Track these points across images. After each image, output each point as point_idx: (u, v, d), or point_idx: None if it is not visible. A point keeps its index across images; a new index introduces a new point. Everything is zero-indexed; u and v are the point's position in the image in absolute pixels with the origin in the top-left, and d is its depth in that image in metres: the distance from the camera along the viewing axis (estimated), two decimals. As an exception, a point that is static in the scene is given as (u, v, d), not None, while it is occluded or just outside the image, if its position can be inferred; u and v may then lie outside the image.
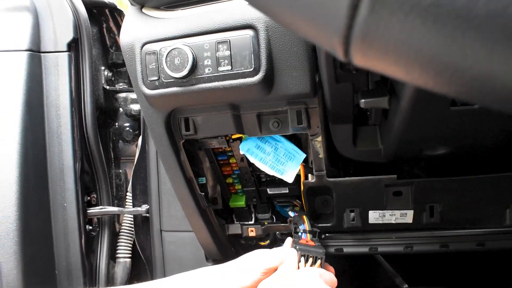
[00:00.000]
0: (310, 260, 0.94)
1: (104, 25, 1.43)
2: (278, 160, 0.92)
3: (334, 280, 0.90)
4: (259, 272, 0.89)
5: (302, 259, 0.94)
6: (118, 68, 1.46)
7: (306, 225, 1.02)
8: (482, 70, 0.26)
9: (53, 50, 1.27)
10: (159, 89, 0.80)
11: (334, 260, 1.09)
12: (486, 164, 0.96)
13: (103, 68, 1.40)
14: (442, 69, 0.27)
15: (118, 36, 1.42)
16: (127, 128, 1.44)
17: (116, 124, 1.45)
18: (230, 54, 0.76)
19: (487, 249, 1.10)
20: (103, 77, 1.40)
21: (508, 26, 0.23)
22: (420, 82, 0.29)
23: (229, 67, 0.76)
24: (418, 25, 0.25)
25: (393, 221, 1.01)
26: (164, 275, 1.26)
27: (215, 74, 0.77)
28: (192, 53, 0.76)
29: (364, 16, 0.26)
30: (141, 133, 1.34)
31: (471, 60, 0.25)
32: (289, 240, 0.99)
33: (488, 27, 0.24)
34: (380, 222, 1.02)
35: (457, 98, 0.29)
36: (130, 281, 1.43)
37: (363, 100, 0.69)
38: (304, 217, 1.04)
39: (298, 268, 0.92)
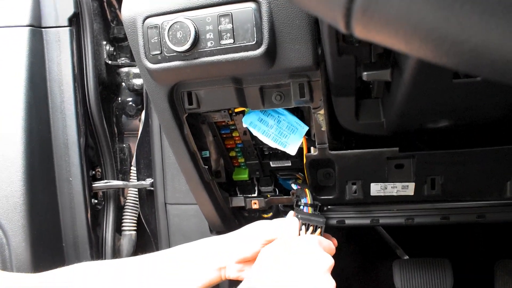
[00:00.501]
0: (311, 228, 0.97)
1: (105, -1, 1.41)
2: (281, 133, 0.93)
3: (332, 248, 0.92)
4: (260, 243, 0.91)
5: (303, 227, 0.96)
6: (119, 42, 1.45)
7: (308, 198, 1.04)
8: (479, 42, 0.26)
9: (54, 25, 1.26)
10: (161, 63, 0.80)
11: (336, 232, 1.11)
12: (488, 137, 0.96)
13: (104, 42, 1.39)
14: (440, 41, 0.27)
15: (119, 10, 1.41)
16: (130, 103, 1.44)
17: (119, 99, 1.45)
18: (232, 27, 0.75)
19: (488, 221, 1.11)
20: (105, 52, 1.39)
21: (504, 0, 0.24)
22: (419, 53, 0.29)
23: (231, 40, 0.76)
24: None
25: (394, 194, 1.02)
26: (169, 247, 1.28)
27: (218, 48, 0.77)
28: (194, 26, 0.76)
29: (365, -10, 0.27)
30: (144, 108, 1.34)
31: (469, 32, 0.26)
32: (291, 213, 1.01)
33: (485, 1, 0.24)
34: (382, 194, 1.03)
35: (456, 69, 0.30)
36: (135, 253, 1.46)
37: (365, 73, 0.69)
38: (306, 190, 1.05)
39: (299, 235, 0.94)
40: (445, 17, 0.26)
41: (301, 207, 1.03)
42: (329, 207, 1.16)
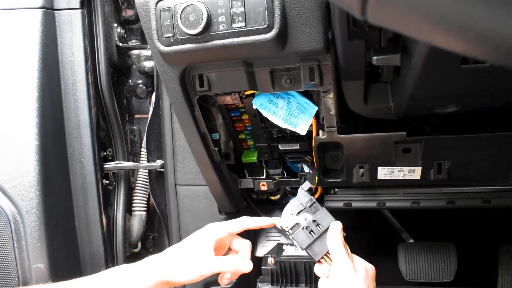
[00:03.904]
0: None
1: (116, -19, 1.42)
2: (291, 114, 0.94)
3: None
4: (195, 277, 0.87)
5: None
6: (130, 25, 1.46)
7: (313, 185, 1.06)
8: (484, 28, 0.28)
9: (66, 7, 1.27)
10: (174, 45, 0.82)
11: (343, 215, 1.12)
12: (495, 123, 0.97)
13: (115, 25, 1.40)
14: (449, 27, 0.29)
15: (130, -7, 1.41)
16: (141, 85, 1.46)
17: (130, 81, 1.47)
18: (244, 10, 0.76)
19: (493, 206, 1.13)
20: (116, 34, 1.40)
21: None
22: (430, 39, 0.31)
23: (243, 24, 0.77)
24: None
25: (401, 177, 1.04)
26: (179, 227, 1.31)
27: (229, 31, 0.78)
28: (207, 9, 0.77)
29: (381, -21, 0.28)
30: (155, 90, 1.36)
31: (475, 19, 0.28)
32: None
33: None
34: (389, 178, 1.04)
35: (464, 54, 0.31)
36: (145, 233, 1.49)
37: (375, 57, 0.70)
38: (317, 178, 1.08)
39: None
40: (454, 6, 0.27)
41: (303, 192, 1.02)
42: (336, 190, 1.18)
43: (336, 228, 0.93)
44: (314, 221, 0.95)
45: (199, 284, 1.27)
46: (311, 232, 0.94)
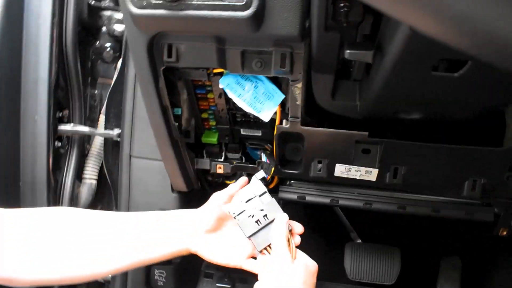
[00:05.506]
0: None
1: None
2: (257, 98, 0.92)
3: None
4: (217, 213, 0.97)
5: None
6: (105, -16, 1.40)
7: (269, 175, 1.05)
8: (462, 9, 0.26)
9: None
10: (146, 9, 0.78)
11: (294, 208, 1.12)
12: (454, 136, 0.98)
13: (89, -19, 1.34)
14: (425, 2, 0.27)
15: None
16: (108, 49, 1.40)
17: (97, 43, 1.41)
18: (223, -16, 0.74)
19: (441, 215, 1.15)
20: (88, -8, 1.34)
21: None
22: (404, 16, 0.29)
23: (220, -3, 0.74)
24: None
25: (357, 177, 1.04)
26: (129, 200, 1.27)
27: (206, 3, 0.75)
28: (184, -24, 0.74)
29: None
30: (122, 56, 1.31)
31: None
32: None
33: None
34: (345, 176, 1.05)
35: (437, 38, 0.29)
36: (93, 202, 1.44)
37: (348, 51, 0.69)
38: (273, 168, 1.07)
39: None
40: None
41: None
42: (292, 181, 1.17)
43: (281, 220, 0.92)
44: (262, 210, 0.94)
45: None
46: (258, 222, 0.93)
